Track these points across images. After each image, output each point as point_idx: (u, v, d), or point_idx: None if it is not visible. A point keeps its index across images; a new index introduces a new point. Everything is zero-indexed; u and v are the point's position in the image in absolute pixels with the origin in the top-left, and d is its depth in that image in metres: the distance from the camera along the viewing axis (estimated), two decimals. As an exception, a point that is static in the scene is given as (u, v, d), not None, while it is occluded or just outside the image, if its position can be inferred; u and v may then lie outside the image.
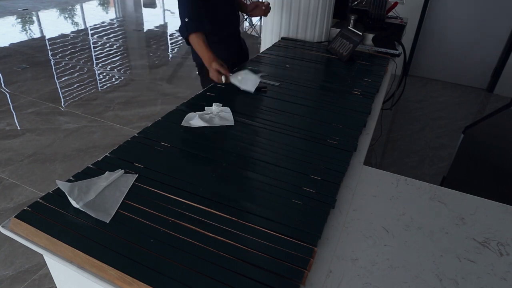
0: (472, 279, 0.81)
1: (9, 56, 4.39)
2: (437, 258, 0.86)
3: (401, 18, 2.81)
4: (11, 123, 3.00)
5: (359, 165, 1.20)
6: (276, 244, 0.84)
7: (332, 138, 1.29)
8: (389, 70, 2.09)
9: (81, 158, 2.60)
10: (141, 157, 1.12)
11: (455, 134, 3.15)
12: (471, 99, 3.90)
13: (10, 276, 1.74)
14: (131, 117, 3.18)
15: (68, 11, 6.69)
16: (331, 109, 1.52)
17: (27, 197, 2.21)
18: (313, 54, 2.18)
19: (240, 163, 1.13)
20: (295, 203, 0.97)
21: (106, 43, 5.01)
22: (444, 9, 3.95)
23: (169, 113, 1.41)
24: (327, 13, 2.32)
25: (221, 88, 1.66)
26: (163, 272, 0.76)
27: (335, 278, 0.80)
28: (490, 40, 3.88)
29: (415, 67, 4.34)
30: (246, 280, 0.75)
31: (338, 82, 1.81)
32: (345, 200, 1.03)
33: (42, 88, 3.62)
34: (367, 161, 1.31)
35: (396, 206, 1.02)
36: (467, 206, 1.02)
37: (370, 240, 0.90)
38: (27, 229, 0.85)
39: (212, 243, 0.83)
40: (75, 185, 0.95)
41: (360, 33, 2.06)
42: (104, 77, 3.96)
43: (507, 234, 0.93)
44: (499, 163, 1.74)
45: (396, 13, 2.81)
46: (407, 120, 3.40)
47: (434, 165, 2.74)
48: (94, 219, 0.88)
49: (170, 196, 0.97)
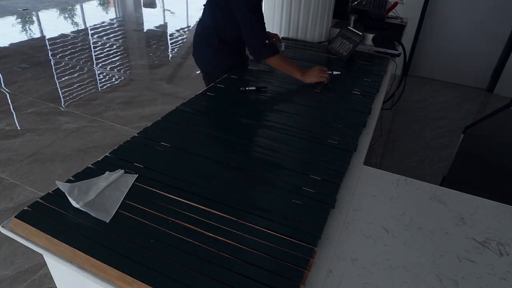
0: (472, 279, 0.81)
1: (9, 56, 4.39)
2: (437, 258, 0.86)
3: (401, 18, 2.81)
4: (11, 123, 3.00)
5: (359, 165, 1.20)
6: (276, 244, 0.84)
7: (332, 138, 1.29)
8: (389, 70, 2.09)
9: (81, 158, 2.60)
10: (141, 157, 1.12)
11: (455, 134, 3.15)
12: (471, 99, 3.90)
13: (10, 276, 1.74)
14: (131, 117, 3.18)
15: (68, 11, 6.69)
16: (331, 109, 1.52)
17: (27, 197, 2.21)
18: (313, 54, 2.18)
19: (240, 163, 1.13)
20: (295, 203, 0.97)
21: (106, 43, 5.01)
22: (444, 9, 3.95)
23: (169, 113, 1.41)
24: (327, 13, 2.32)
25: (221, 88, 1.66)
26: (163, 272, 0.76)
27: (335, 278, 0.80)
28: (490, 40, 3.87)
29: (415, 67, 4.34)
30: (246, 280, 0.75)
31: (338, 82, 1.81)
32: (345, 200, 1.03)
33: (42, 88, 3.61)
34: (367, 161, 1.31)
35: (396, 206, 1.02)
36: (467, 206, 1.02)
37: (370, 240, 0.90)
38: (27, 229, 0.85)
39: (212, 243, 0.83)
40: (75, 185, 0.95)
41: (360, 33, 2.06)
42: (104, 77, 3.96)
43: (507, 234, 0.93)
44: (499, 163, 1.74)
45: (396, 13, 2.81)
46: (407, 120, 3.40)
47: (434, 165, 2.74)
48: (94, 219, 0.88)
49: (170, 196, 0.97)
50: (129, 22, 6.30)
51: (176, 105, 1.47)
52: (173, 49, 5.04)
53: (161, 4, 7.81)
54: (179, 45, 5.19)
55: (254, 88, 1.65)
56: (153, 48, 5.01)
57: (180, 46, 5.14)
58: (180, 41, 5.36)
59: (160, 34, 5.63)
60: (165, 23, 6.45)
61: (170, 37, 5.58)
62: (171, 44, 5.26)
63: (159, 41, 5.29)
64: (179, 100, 1.63)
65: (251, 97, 1.60)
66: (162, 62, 4.52)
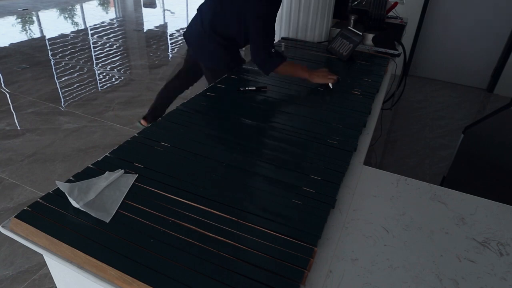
0: (472, 279, 0.81)
1: (9, 56, 4.39)
2: (437, 258, 0.86)
3: (401, 18, 2.81)
4: (11, 123, 3.00)
5: (359, 165, 1.20)
6: (276, 244, 0.84)
7: (332, 138, 1.29)
8: (389, 70, 2.09)
9: (81, 158, 2.59)
10: (141, 157, 1.12)
11: (455, 134, 3.15)
12: (471, 99, 3.90)
13: (10, 276, 1.74)
14: (131, 117, 3.17)
15: (68, 11, 6.69)
16: (331, 109, 1.52)
17: (27, 197, 2.20)
18: (313, 54, 2.18)
19: (240, 163, 1.13)
20: (295, 203, 0.97)
21: (106, 43, 5.01)
22: (444, 9, 3.95)
23: (169, 113, 1.41)
24: (327, 13, 2.32)
25: (221, 88, 1.66)
26: (163, 272, 0.76)
27: (335, 278, 0.80)
28: (490, 40, 3.87)
29: (415, 67, 4.34)
30: (246, 280, 0.75)
31: (338, 82, 1.80)
32: (345, 200, 1.03)
33: (42, 88, 3.61)
34: (367, 161, 1.31)
35: (396, 206, 1.02)
36: (467, 206, 1.02)
37: (370, 240, 0.90)
38: (27, 229, 0.85)
39: (212, 243, 0.83)
40: (75, 185, 0.95)
41: (360, 33, 2.06)
42: (104, 77, 3.96)
43: (507, 234, 0.93)
44: (499, 163, 1.74)
45: (396, 13, 2.81)
46: (407, 120, 3.40)
47: (434, 165, 2.74)
48: (94, 219, 0.88)
49: (170, 196, 0.97)
50: (129, 22, 6.30)
51: (176, 105, 1.47)
52: (173, 49, 5.04)
53: (161, 4, 7.81)
54: (179, 45, 5.19)
55: (254, 88, 1.65)
56: (153, 48, 5.01)
57: (180, 46, 5.14)
58: (180, 41, 5.36)
59: (160, 34, 5.63)
60: (165, 23, 6.45)
61: (170, 37, 5.58)
62: (171, 44, 5.26)
63: (159, 41, 5.29)
64: (179, 100, 1.63)
65: (251, 97, 1.60)
66: (162, 62, 4.52)
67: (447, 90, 4.08)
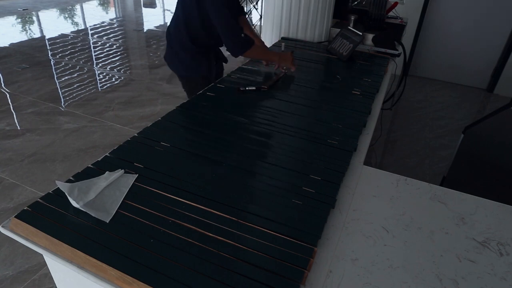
0: (472, 279, 0.81)
1: (9, 56, 4.39)
2: (437, 258, 0.86)
3: (401, 18, 2.81)
4: (11, 123, 3.00)
5: (359, 165, 1.20)
6: (276, 244, 0.84)
7: (332, 138, 1.29)
8: (389, 70, 2.09)
9: (81, 158, 2.60)
10: (141, 157, 1.12)
11: (455, 134, 3.15)
12: (471, 99, 3.90)
13: (10, 276, 1.74)
14: (131, 117, 3.18)
15: (68, 11, 6.69)
16: (331, 109, 1.52)
17: (27, 197, 2.20)
18: (313, 54, 2.18)
19: (240, 163, 1.13)
20: (295, 203, 0.97)
21: (106, 43, 5.01)
22: (444, 9, 3.95)
23: (169, 113, 1.41)
24: (327, 13, 2.32)
25: (221, 88, 1.66)
26: (163, 272, 0.76)
27: (335, 278, 0.80)
28: (490, 40, 3.88)
29: (415, 67, 4.34)
30: (246, 280, 0.75)
31: (338, 82, 1.81)
32: (345, 200, 1.03)
33: (42, 88, 3.61)
34: (367, 161, 1.31)
35: (396, 206, 1.02)
36: (467, 206, 1.02)
37: (370, 240, 0.90)
38: (27, 229, 0.85)
39: (212, 243, 0.83)
40: (75, 185, 0.95)
41: (360, 33, 2.06)
42: (104, 77, 3.96)
43: (507, 234, 0.93)
44: (499, 163, 1.74)
45: (396, 13, 2.81)
46: (407, 120, 3.40)
47: (434, 165, 2.74)
48: (94, 219, 0.88)
49: (170, 196, 0.97)
50: (129, 22, 6.30)
51: (176, 105, 1.47)
52: (173, 49, 5.03)
53: (161, 4, 7.81)
54: (179, 45, 5.18)
55: (254, 88, 1.65)
56: (153, 48, 5.01)
57: (180, 46, 5.14)
58: (180, 41, 5.36)
59: (160, 34, 5.63)
60: (165, 23, 6.44)
61: (170, 37, 5.58)
62: (171, 44, 5.25)
63: (159, 41, 5.29)
64: (179, 100, 1.63)
65: (251, 97, 1.60)
66: (162, 62, 4.52)
67: (447, 90, 4.08)
